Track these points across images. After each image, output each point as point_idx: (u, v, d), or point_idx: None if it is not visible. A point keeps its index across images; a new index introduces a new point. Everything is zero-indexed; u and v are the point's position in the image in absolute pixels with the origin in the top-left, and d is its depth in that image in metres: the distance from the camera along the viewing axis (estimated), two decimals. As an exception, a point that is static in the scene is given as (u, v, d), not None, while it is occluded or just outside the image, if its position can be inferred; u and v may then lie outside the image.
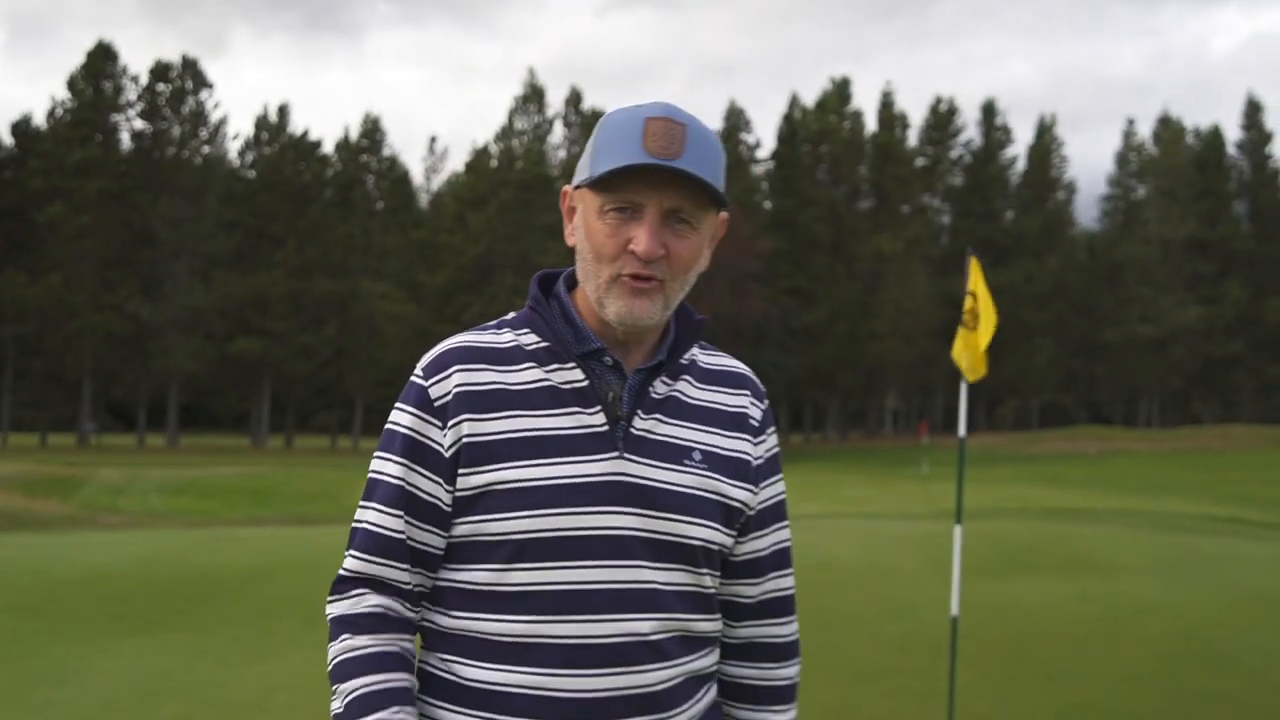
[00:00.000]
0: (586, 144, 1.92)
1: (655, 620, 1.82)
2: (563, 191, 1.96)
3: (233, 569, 11.21)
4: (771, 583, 2.03)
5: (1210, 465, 50.57)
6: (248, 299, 71.20)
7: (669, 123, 1.83)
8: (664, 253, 1.85)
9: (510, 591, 1.81)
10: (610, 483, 1.83)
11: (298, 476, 38.75)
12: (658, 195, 1.83)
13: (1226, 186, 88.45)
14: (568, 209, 1.95)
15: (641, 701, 1.80)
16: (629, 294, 1.85)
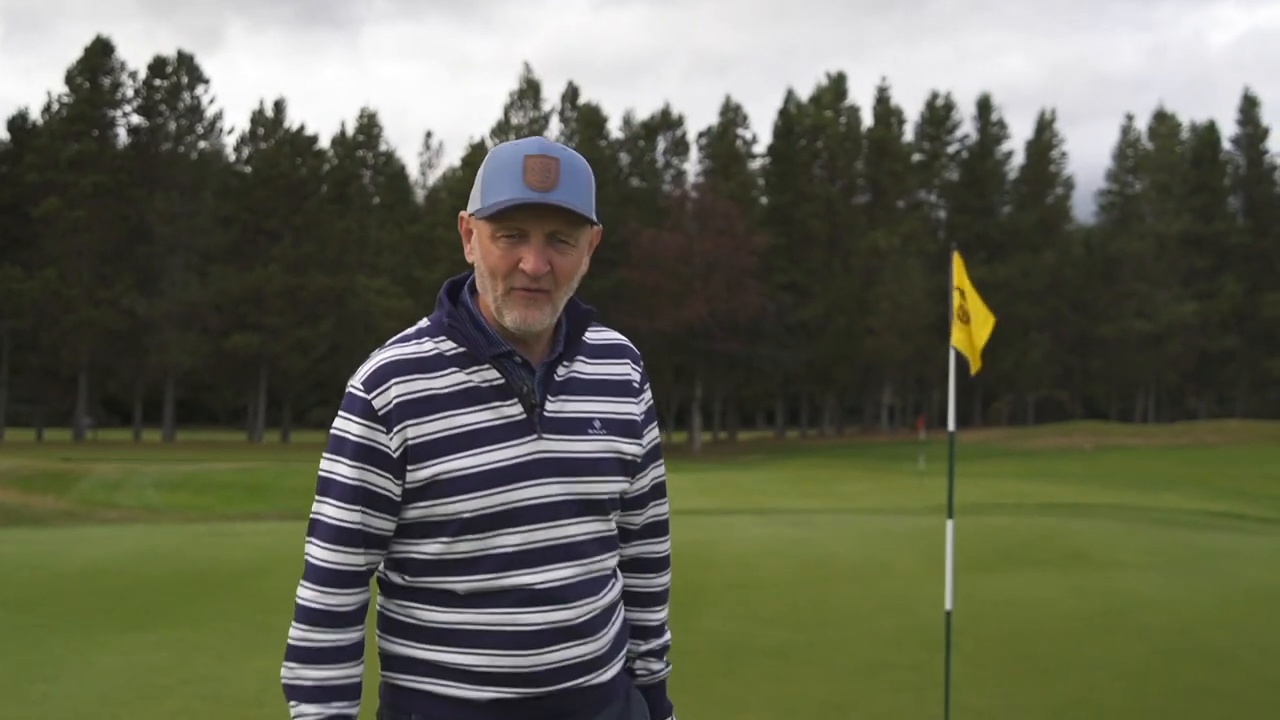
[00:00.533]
0: (476, 174, 2.27)
1: (581, 564, 2.22)
2: (460, 216, 2.33)
3: (230, 564, 11.22)
4: (652, 510, 2.47)
5: (1206, 460, 50.63)
6: (244, 294, 71.19)
7: (544, 159, 2.18)
8: (549, 269, 2.19)
9: (460, 558, 2.17)
10: (535, 460, 2.20)
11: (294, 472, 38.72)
12: (539, 223, 2.18)
13: (1222, 182, 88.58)
14: (465, 231, 2.33)
15: (568, 633, 2.19)
16: (522, 304, 2.20)
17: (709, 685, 6.83)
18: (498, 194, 2.18)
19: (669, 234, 70.53)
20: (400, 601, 2.24)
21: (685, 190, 77.73)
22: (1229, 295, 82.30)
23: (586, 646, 2.23)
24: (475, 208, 2.25)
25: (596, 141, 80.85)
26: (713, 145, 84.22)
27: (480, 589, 2.17)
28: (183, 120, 74.98)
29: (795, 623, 8.71)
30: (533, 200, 2.14)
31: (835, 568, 11.45)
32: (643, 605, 2.50)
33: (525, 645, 2.18)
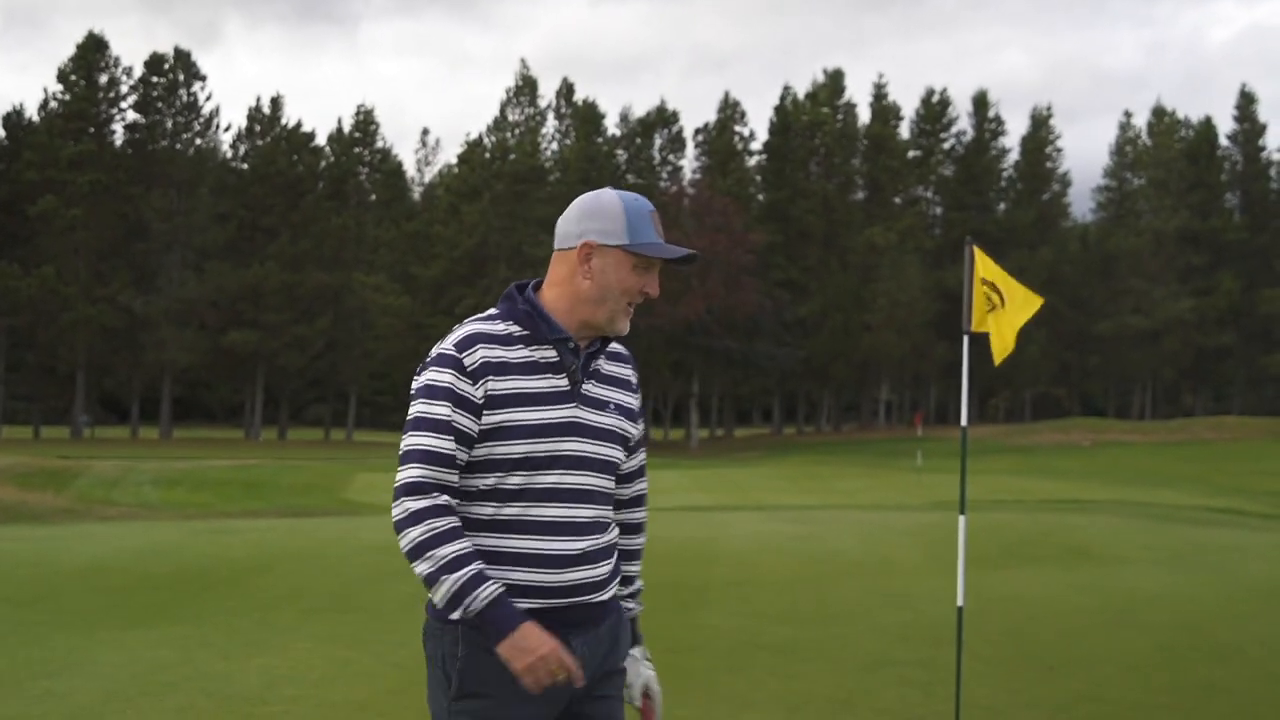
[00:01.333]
0: (604, 211, 2.97)
1: (593, 508, 2.93)
2: (586, 243, 2.95)
3: (230, 561, 11.19)
4: (637, 485, 3.18)
5: (1203, 456, 50.67)
6: (241, 291, 71.10)
7: (656, 214, 3.05)
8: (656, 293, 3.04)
9: (509, 489, 2.86)
10: (572, 422, 2.90)
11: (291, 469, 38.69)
12: (658, 263, 3.03)
13: (1219, 178, 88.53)
14: (584, 254, 2.95)
15: (583, 558, 2.88)
16: (627, 316, 2.99)
17: (715, 682, 6.81)
18: (645, 237, 2.97)
19: (666, 231, 70.16)
20: (467, 532, 2.84)
21: (682, 187, 77.64)
22: (1226, 292, 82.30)
23: (594, 571, 2.91)
24: (622, 242, 2.95)
25: (593, 138, 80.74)
26: (710, 142, 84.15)
27: (516, 517, 2.84)
28: (179, 117, 74.84)
29: (799, 619, 8.69)
30: (674, 254, 3.01)
31: (837, 564, 11.43)
32: (626, 560, 3.15)
33: (552, 565, 2.85)
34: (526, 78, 79.76)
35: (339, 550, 12.05)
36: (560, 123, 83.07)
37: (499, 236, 71.30)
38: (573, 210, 3.03)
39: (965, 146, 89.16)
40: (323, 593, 9.47)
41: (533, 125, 79.75)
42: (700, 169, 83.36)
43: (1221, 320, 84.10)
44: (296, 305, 73.74)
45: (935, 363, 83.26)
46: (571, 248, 2.96)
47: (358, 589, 9.63)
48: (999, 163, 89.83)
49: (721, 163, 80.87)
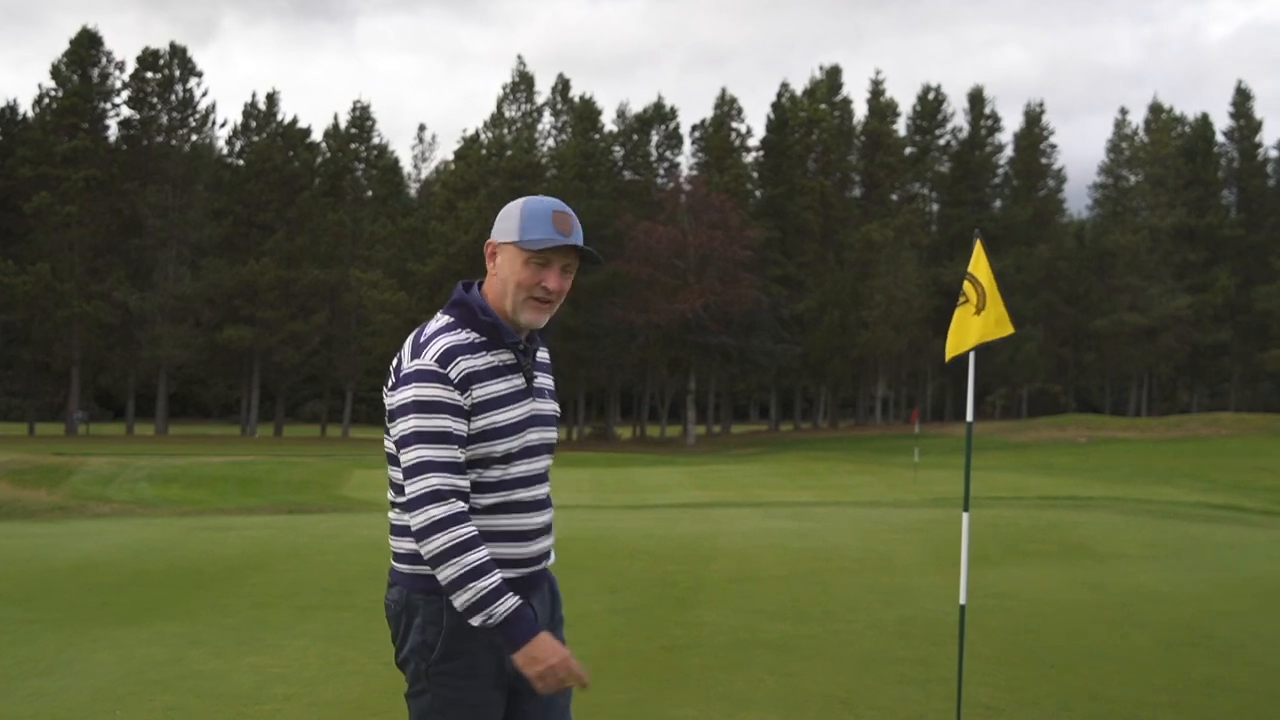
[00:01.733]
0: (508, 213, 3.31)
1: (545, 486, 3.36)
2: (488, 242, 3.32)
3: (224, 559, 11.10)
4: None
5: (1200, 453, 50.66)
6: (236, 287, 71.03)
7: (565, 213, 3.30)
8: (558, 288, 3.29)
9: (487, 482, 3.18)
10: (531, 416, 3.28)
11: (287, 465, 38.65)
12: (559, 257, 3.28)
13: (1215, 175, 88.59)
14: (491, 253, 3.31)
15: (543, 531, 3.33)
16: (533, 310, 3.27)
17: (713, 680, 6.74)
18: (536, 233, 3.23)
19: (663, 227, 70.42)
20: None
21: (679, 183, 77.60)
22: (1222, 288, 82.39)
23: (548, 540, 3.38)
24: (513, 239, 3.24)
25: (590, 135, 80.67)
26: (707, 138, 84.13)
27: (498, 502, 3.20)
28: (175, 113, 74.70)
29: (797, 616, 8.62)
30: (561, 243, 3.23)
31: (835, 560, 11.36)
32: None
33: (524, 539, 3.26)
34: (523, 74, 79.70)
35: (335, 547, 11.97)
36: (557, 119, 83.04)
37: (495, 233, 71.08)
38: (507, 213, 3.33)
39: (961, 143, 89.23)
40: (318, 590, 9.39)
41: (529, 121, 79.67)
42: (697, 165, 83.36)
43: (1217, 317, 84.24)
44: (292, 301, 73.68)
45: (932, 359, 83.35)
46: (488, 248, 3.33)
47: (354, 586, 9.55)
48: (995, 159, 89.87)
49: (718, 159, 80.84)
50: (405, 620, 3.27)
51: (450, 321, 3.21)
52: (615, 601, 9.14)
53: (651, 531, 13.73)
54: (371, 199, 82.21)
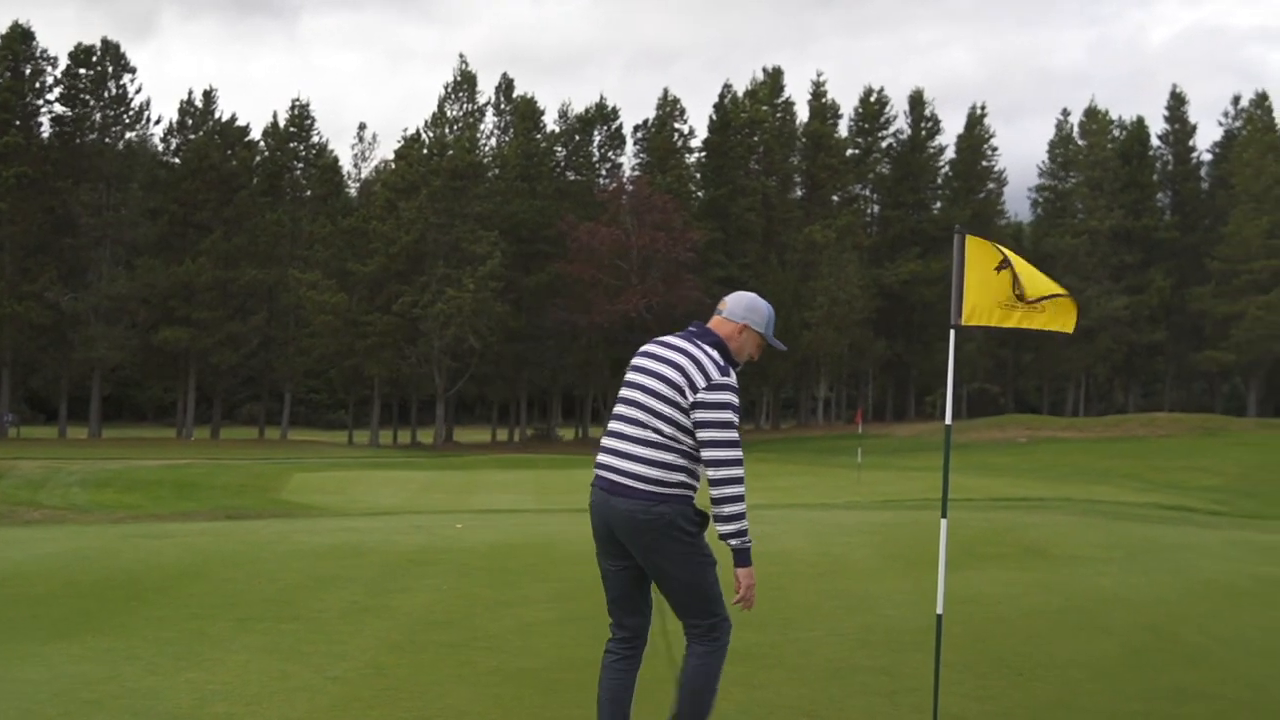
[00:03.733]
0: (759, 309, 5.29)
1: None
2: (742, 323, 5.22)
3: (160, 568, 10.71)
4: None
5: (1137, 452, 51.27)
6: (173, 288, 70.04)
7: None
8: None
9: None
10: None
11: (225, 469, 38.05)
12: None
13: (1151, 178, 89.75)
14: (740, 328, 5.22)
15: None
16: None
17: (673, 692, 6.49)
18: (773, 334, 5.35)
19: (606, 228, 70.24)
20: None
21: (621, 184, 77.43)
22: (1157, 290, 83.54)
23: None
24: (762, 331, 5.28)
25: (532, 135, 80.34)
26: (649, 139, 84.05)
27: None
28: (109, 110, 73.43)
29: (757, 624, 8.36)
30: (780, 348, 5.49)
31: (791, 565, 11.17)
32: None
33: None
34: (465, 73, 79.21)
35: (275, 554, 11.61)
36: (499, 119, 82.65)
37: (437, 233, 70.66)
38: (745, 303, 5.26)
39: (902, 145, 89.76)
40: (258, 600, 9.05)
41: (471, 121, 79.19)
42: (640, 166, 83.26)
43: (1153, 318, 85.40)
44: (230, 302, 72.80)
45: (873, 360, 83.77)
46: (738, 322, 5.21)
47: (295, 596, 9.22)
48: (935, 161, 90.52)
49: (661, 159, 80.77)
50: (674, 523, 4.96)
51: (727, 363, 5.04)
52: (569, 609, 8.89)
53: (601, 536, 13.46)
54: (311, 198, 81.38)
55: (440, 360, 70.85)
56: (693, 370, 4.94)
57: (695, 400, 4.88)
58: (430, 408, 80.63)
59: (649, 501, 4.94)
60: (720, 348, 5.05)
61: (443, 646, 7.53)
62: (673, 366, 4.99)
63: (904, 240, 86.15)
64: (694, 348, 5.03)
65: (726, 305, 5.23)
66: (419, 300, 69.07)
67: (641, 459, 4.97)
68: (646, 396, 5.03)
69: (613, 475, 5.06)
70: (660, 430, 4.94)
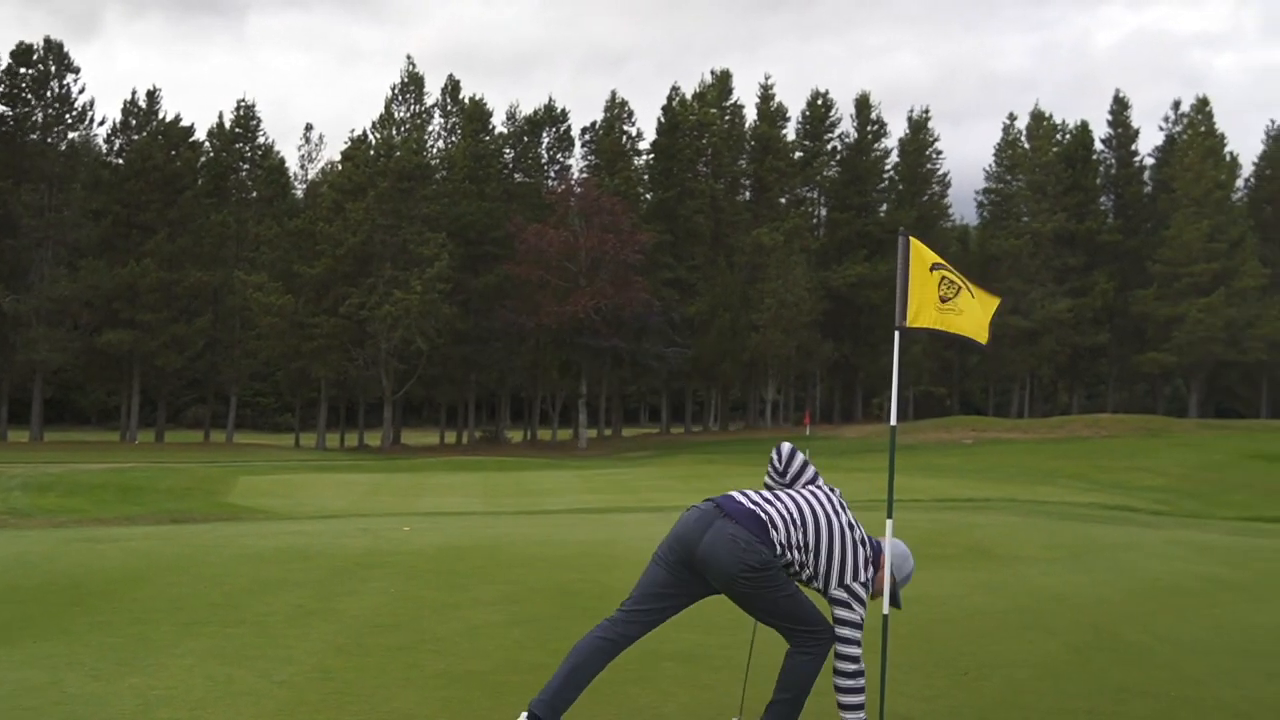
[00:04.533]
0: (907, 573, 5.83)
1: None
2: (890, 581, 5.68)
3: (103, 572, 10.58)
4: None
5: (1081, 453, 51.73)
6: (116, 290, 69.20)
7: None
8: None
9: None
10: None
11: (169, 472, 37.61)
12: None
13: (1094, 181, 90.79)
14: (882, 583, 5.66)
15: None
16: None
17: (622, 693, 6.50)
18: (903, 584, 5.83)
19: (554, 230, 70.13)
20: None
21: (570, 185, 77.37)
22: (1101, 292, 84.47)
23: None
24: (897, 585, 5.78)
25: (480, 136, 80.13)
26: (597, 141, 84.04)
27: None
28: (50, 110, 72.49)
29: (704, 625, 8.39)
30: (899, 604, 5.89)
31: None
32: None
33: None
34: (413, 74, 78.94)
35: (220, 558, 11.50)
36: (446, 120, 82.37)
37: (384, 234, 70.31)
38: (904, 567, 5.76)
39: (849, 148, 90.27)
40: (203, 604, 8.96)
41: (419, 123, 78.88)
42: (588, 168, 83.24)
43: (1096, 320, 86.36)
44: (174, 304, 72.04)
45: (820, 362, 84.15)
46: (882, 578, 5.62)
47: (241, 600, 9.14)
48: (882, 165, 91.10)
49: (609, 162, 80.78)
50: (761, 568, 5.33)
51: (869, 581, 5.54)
52: (516, 612, 8.86)
53: (549, 538, 13.46)
54: (257, 199, 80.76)
55: (388, 362, 70.49)
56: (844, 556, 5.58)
57: (837, 589, 5.50)
58: (378, 410, 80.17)
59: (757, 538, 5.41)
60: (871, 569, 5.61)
61: (390, 650, 7.49)
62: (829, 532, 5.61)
63: (851, 243, 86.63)
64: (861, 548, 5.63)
65: (885, 561, 5.67)
66: (366, 302, 68.69)
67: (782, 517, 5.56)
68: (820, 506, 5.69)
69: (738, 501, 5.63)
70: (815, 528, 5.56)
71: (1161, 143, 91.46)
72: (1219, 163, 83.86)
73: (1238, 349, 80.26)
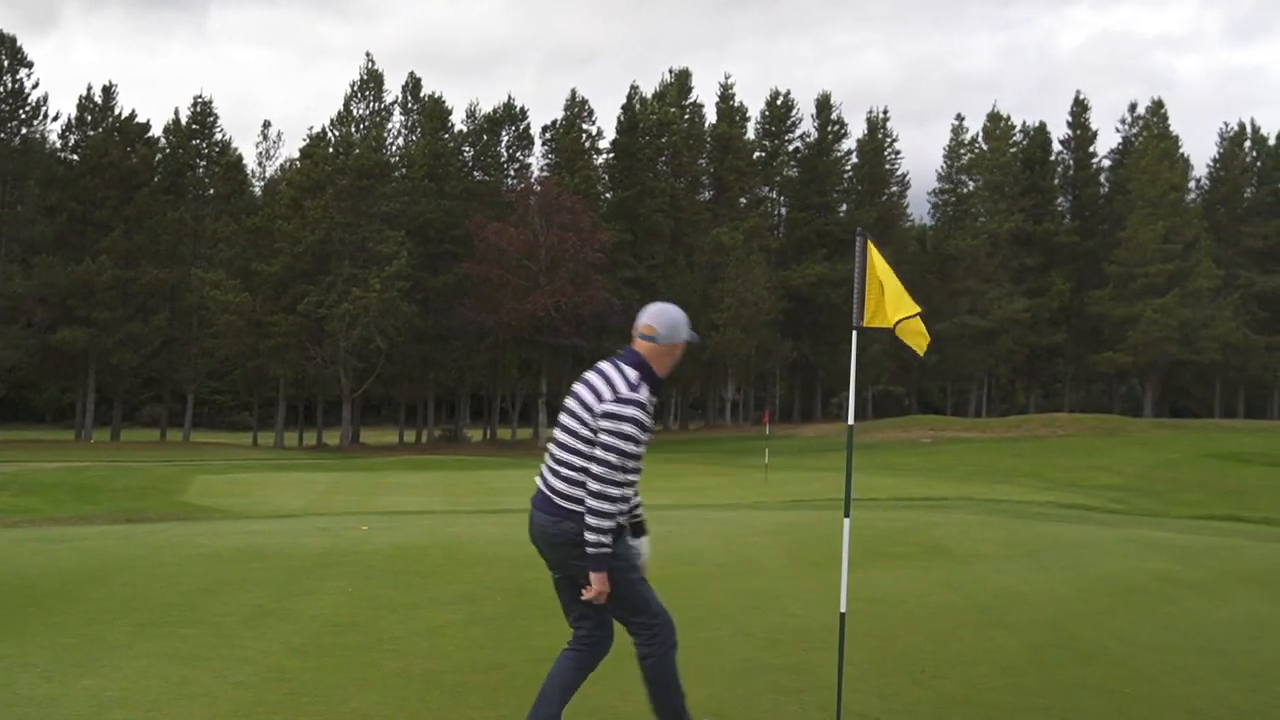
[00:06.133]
0: (678, 322, 5.35)
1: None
2: (673, 343, 5.34)
3: (57, 572, 10.47)
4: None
5: (1038, 452, 52.14)
6: (71, 287, 68.48)
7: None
8: None
9: (633, 478, 5.29)
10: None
11: (125, 471, 37.29)
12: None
13: (1052, 182, 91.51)
14: (671, 348, 5.35)
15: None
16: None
17: (582, 693, 6.46)
18: (690, 334, 5.41)
19: (514, 228, 69.96)
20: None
21: (530, 184, 77.21)
22: (1057, 293, 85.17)
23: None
24: (686, 339, 5.38)
25: (440, 134, 79.86)
26: (557, 139, 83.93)
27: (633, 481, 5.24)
28: (4, 105, 71.66)
29: (664, 624, 8.40)
30: (696, 341, 5.46)
31: (699, 565, 11.21)
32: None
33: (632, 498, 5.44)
34: (372, 71, 78.58)
35: (176, 558, 11.41)
36: (406, 118, 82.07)
37: (343, 232, 69.94)
38: (668, 322, 5.33)
39: (809, 148, 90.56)
40: (159, 605, 8.89)
41: (378, 120, 78.52)
42: (548, 166, 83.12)
43: (1053, 320, 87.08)
44: (131, 302, 71.43)
45: (780, 361, 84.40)
46: (666, 344, 5.31)
47: (197, 600, 9.07)
48: (842, 165, 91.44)
49: (569, 160, 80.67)
50: (578, 539, 5.12)
51: (638, 378, 5.17)
52: (476, 611, 8.83)
53: (508, 537, 13.42)
54: (214, 196, 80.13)
55: (346, 361, 70.14)
56: (603, 386, 5.14)
57: (601, 411, 5.06)
58: (336, 409, 79.71)
59: (556, 516, 5.20)
60: (642, 367, 5.23)
61: (347, 650, 7.45)
62: (588, 386, 5.21)
63: (810, 242, 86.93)
64: (612, 367, 5.25)
65: (655, 331, 5.29)
66: (324, 300, 68.30)
67: (557, 474, 5.23)
68: (567, 416, 5.25)
69: (538, 490, 5.34)
70: (574, 448, 5.17)
71: (1118, 144, 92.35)
72: (1174, 165, 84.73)
73: (1192, 349, 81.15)
